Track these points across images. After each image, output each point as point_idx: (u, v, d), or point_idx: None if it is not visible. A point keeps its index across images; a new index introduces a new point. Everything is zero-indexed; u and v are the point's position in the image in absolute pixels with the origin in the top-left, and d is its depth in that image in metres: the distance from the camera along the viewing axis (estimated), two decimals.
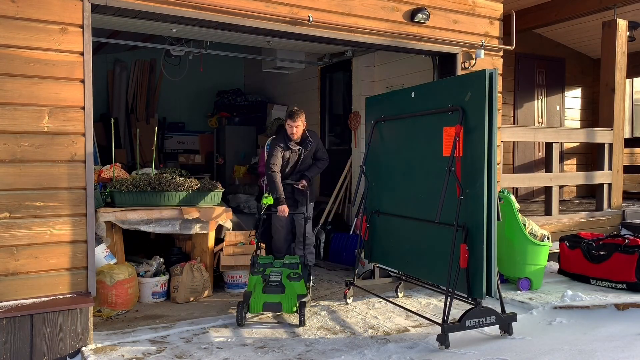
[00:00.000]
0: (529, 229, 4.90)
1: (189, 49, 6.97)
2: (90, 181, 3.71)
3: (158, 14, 3.98)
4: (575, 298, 4.59)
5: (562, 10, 7.22)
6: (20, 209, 3.51)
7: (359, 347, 3.70)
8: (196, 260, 4.99)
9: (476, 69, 5.24)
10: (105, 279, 4.24)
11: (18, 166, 3.49)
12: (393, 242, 4.60)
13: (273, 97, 9.27)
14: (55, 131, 3.58)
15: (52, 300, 3.57)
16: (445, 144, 3.98)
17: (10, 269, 3.49)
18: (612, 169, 6.84)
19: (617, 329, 4.06)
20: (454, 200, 3.83)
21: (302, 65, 7.99)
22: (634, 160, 9.99)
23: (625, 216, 6.89)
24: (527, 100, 8.84)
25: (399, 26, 4.96)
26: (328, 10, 4.58)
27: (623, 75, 6.86)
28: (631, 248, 4.90)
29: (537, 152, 8.87)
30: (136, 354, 3.52)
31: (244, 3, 4.21)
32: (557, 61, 9.16)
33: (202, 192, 5.01)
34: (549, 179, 6.40)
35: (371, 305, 4.60)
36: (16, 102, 3.48)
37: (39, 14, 3.52)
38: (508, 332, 3.92)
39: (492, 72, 3.72)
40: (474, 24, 5.39)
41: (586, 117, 9.62)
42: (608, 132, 6.82)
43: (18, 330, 3.42)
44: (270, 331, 3.98)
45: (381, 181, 4.74)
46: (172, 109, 9.64)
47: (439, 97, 4.11)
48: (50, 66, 3.56)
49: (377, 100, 4.92)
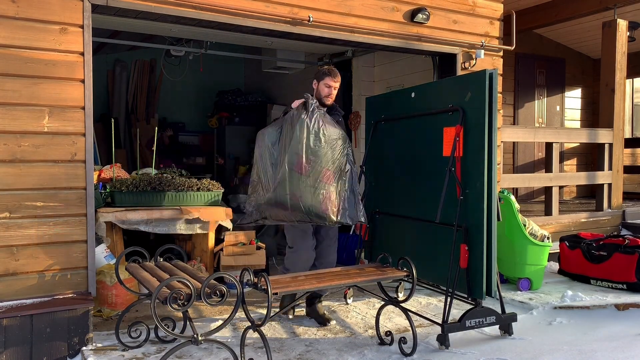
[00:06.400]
0: (529, 229, 4.90)
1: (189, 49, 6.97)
2: (90, 181, 3.71)
3: (158, 14, 3.98)
4: (575, 298, 4.59)
5: (562, 11, 7.22)
6: (20, 209, 3.51)
7: (359, 347, 3.70)
8: (196, 261, 5.00)
9: (476, 69, 5.24)
10: (105, 279, 4.24)
11: (18, 166, 3.49)
12: (393, 242, 4.60)
13: (273, 97, 9.28)
14: (55, 131, 3.59)
15: (52, 300, 3.57)
16: (445, 144, 3.98)
17: (10, 269, 3.50)
18: (612, 169, 6.84)
19: (617, 329, 4.06)
20: (454, 201, 3.83)
21: (302, 65, 7.99)
22: (634, 160, 10.00)
23: (625, 216, 6.89)
24: (527, 101, 8.84)
25: (399, 26, 4.96)
26: (328, 10, 4.58)
27: (623, 75, 6.86)
28: (631, 248, 4.90)
29: (537, 152, 8.87)
30: (136, 354, 3.52)
31: (244, 3, 4.21)
32: (557, 61, 9.16)
33: (202, 192, 5.02)
34: (549, 179, 6.40)
35: (371, 305, 4.60)
36: (16, 102, 3.48)
37: (39, 14, 3.52)
38: (508, 332, 3.93)
39: (492, 72, 3.72)
40: (474, 24, 5.39)
41: (586, 117, 9.62)
42: (608, 132, 6.82)
43: (18, 330, 3.42)
44: (270, 331, 3.98)
45: (381, 181, 4.74)
46: (172, 109, 9.65)
47: (439, 97, 4.11)
48: (51, 66, 3.56)
49: (377, 100, 4.92)
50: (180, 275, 3.30)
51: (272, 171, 3.87)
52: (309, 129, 3.75)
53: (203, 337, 3.05)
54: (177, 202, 4.89)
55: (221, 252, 5.08)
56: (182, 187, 4.92)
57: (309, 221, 3.81)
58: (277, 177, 3.80)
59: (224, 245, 5.12)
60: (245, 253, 5.08)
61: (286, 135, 3.85)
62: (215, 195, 5.12)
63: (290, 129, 3.82)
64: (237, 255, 5.07)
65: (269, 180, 3.87)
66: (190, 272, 3.51)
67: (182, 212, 4.80)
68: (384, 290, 3.89)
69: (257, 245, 5.22)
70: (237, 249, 5.11)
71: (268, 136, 3.98)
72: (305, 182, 3.72)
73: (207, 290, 2.97)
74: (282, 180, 3.76)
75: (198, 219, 4.85)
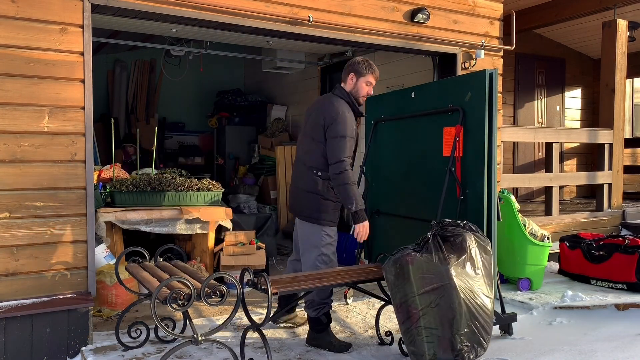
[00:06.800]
0: (529, 229, 4.90)
1: (189, 49, 6.97)
2: (90, 181, 3.71)
3: (158, 14, 3.98)
4: (575, 298, 4.59)
5: (562, 11, 7.22)
6: (20, 209, 3.51)
7: (359, 347, 3.70)
8: (196, 261, 5.00)
9: (476, 69, 5.24)
10: (105, 279, 4.24)
11: (18, 166, 3.49)
12: (393, 242, 4.60)
13: (273, 97, 9.27)
14: (55, 131, 3.59)
15: (52, 300, 3.57)
16: (445, 144, 3.98)
17: (10, 269, 3.49)
18: (612, 169, 6.84)
19: (617, 329, 4.06)
20: (454, 201, 3.83)
21: (302, 65, 7.99)
22: (634, 160, 10.00)
23: (625, 216, 6.88)
24: (527, 101, 8.84)
25: (399, 26, 4.96)
26: (328, 10, 4.58)
27: (623, 75, 6.86)
28: (631, 248, 4.89)
29: (537, 152, 8.87)
30: (136, 354, 3.52)
31: (244, 3, 4.21)
32: (557, 61, 9.16)
33: (202, 192, 5.02)
34: (549, 179, 6.40)
35: (371, 305, 4.59)
36: (16, 102, 3.48)
37: (39, 14, 3.52)
38: (508, 332, 3.93)
39: (492, 72, 3.72)
40: (474, 24, 5.39)
41: (586, 117, 9.62)
42: (608, 132, 6.82)
43: (18, 330, 3.42)
44: (270, 331, 3.98)
45: (381, 181, 4.74)
46: (172, 109, 9.64)
47: (439, 97, 4.11)
48: (51, 66, 3.56)
49: (377, 100, 4.92)
50: (180, 275, 3.30)
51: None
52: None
53: (203, 337, 3.05)
54: (177, 202, 4.89)
55: (221, 252, 5.08)
56: (182, 187, 4.92)
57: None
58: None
59: (224, 245, 5.12)
60: (245, 253, 5.08)
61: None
62: (215, 195, 5.12)
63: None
64: (237, 255, 5.08)
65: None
66: (190, 272, 3.50)
67: (182, 212, 4.80)
68: (384, 290, 3.88)
69: (257, 245, 5.22)
70: (237, 249, 5.11)
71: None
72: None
73: (207, 290, 2.97)
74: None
75: (198, 219, 4.85)
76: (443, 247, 3.14)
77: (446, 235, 3.23)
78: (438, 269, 3.07)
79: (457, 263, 3.10)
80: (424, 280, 3.09)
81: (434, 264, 3.08)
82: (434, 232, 3.24)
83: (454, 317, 3.05)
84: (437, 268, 3.07)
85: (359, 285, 3.61)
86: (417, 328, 3.10)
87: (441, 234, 3.23)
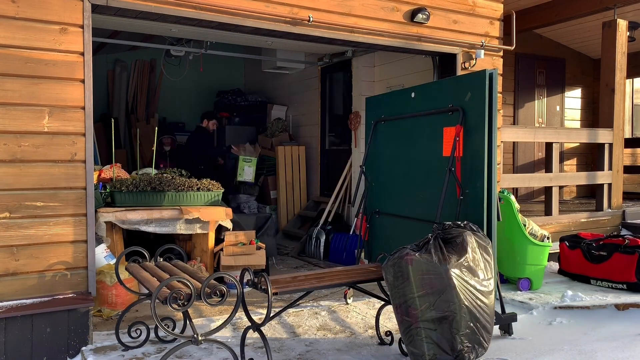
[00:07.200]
0: (529, 229, 4.90)
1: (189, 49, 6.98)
2: (90, 181, 3.71)
3: (158, 14, 3.98)
4: (575, 298, 4.59)
5: (562, 11, 7.22)
6: (20, 209, 3.51)
7: (359, 347, 3.70)
8: (196, 261, 5.00)
9: (476, 69, 5.24)
10: (105, 279, 4.24)
11: (18, 166, 3.49)
12: (393, 242, 4.60)
13: (273, 97, 9.28)
14: (55, 131, 3.59)
15: (52, 300, 3.57)
16: (445, 144, 3.99)
17: (10, 269, 3.50)
18: (612, 169, 6.84)
19: (617, 329, 4.06)
20: (454, 201, 3.83)
21: (302, 65, 7.99)
22: (634, 160, 10.00)
23: (625, 216, 6.89)
24: (527, 101, 8.84)
25: (399, 26, 4.96)
26: (328, 10, 4.58)
27: (623, 75, 6.86)
28: (631, 248, 4.90)
29: (537, 152, 8.87)
30: (136, 354, 3.52)
31: (244, 3, 4.21)
32: (557, 61, 9.16)
33: (202, 192, 5.02)
34: (549, 179, 6.40)
35: (371, 305, 4.59)
36: (16, 102, 3.48)
37: (39, 14, 3.52)
38: (508, 332, 3.93)
39: (492, 72, 3.72)
40: (474, 24, 5.39)
41: (586, 117, 9.63)
42: (608, 132, 6.82)
43: (18, 330, 3.42)
44: (270, 331, 3.98)
45: (381, 181, 4.74)
46: (172, 109, 9.64)
47: (439, 97, 4.11)
48: (51, 66, 3.56)
49: (377, 100, 4.92)
50: (180, 275, 3.30)
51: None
52: None
53: (203, 337, 3.05)
54: (177, 202, 4.89)
55: (221, 252, 5.08)
56: (182, 187, 4.92)
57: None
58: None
59: (224, 245, 5.12)
60: (245, 253, 5.08)
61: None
62: (215, 195, 5.13)
63: None
64: (237, 255, 5.08)
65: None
66: (190, 272, 3.51)
67: (182, 212, 4.80)
68: (384, 290, 3.88)
69: (257, 245, 5.22)
70: (237, 249, 5.11)
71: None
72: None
73: (207, 290, 2.97)
74: None
75: (198, 219, 4.86)
76: (443, 248, 3.14)
77: (447, 237, 3.23)
78: (438, 270, 3.08)
79: (457, 263, 3.10)
80: (424, 280, 3.09)
81: (433, 264, 3.09)
82: (435, 235, 3.24)
83: (453, 318, 3.05)
84: (437, 269, 3.08)
85: (359, 285, 3.61)
86: (416, 328, 3.11)
87: (442, 237, 3.24)
